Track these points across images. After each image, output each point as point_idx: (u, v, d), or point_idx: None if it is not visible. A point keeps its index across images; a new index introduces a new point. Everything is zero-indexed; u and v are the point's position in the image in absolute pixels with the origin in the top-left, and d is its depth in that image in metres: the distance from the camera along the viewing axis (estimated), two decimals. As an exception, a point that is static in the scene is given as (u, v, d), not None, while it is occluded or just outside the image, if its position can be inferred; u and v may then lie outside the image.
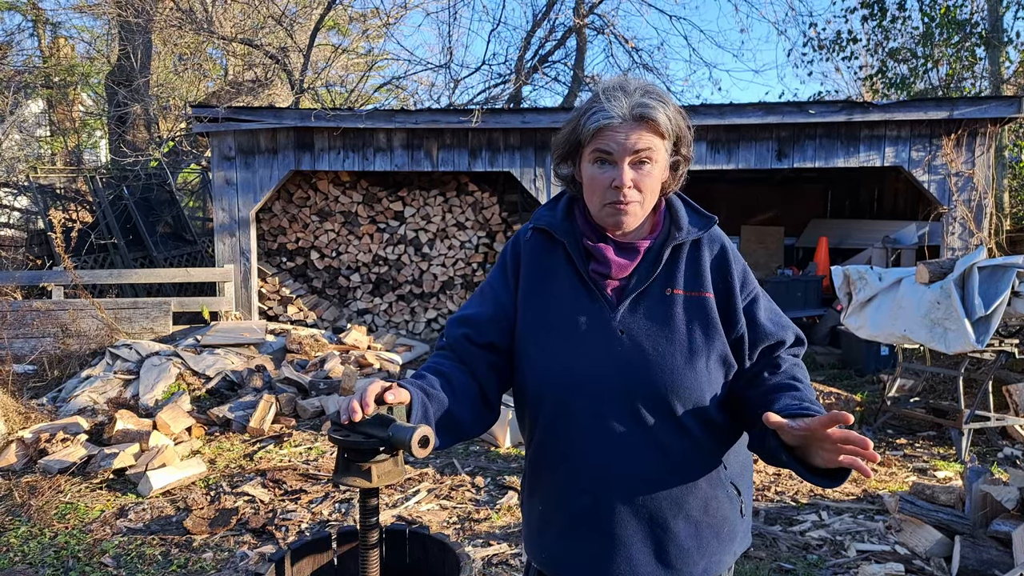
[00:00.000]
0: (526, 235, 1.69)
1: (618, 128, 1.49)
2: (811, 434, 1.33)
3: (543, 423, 1.59)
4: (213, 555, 3.92)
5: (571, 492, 1.56)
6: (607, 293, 1.58)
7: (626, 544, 1.54)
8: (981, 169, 8.16)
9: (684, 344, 1.53)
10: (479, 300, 1.70)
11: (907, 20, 13.33)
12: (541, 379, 1.57)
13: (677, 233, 1.59)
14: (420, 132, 8.70)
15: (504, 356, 1.65)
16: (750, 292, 1.61)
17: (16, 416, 5.70)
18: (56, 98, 16.18)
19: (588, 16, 12.34)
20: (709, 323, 1.55)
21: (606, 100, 1.51)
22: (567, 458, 1.56)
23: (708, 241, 1.62)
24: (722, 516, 1.59)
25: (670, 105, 1.53)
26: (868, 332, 5.77)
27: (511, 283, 1.67)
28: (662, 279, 1.57)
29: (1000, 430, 5.72)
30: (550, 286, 1.61)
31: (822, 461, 1.35)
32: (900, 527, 3.92)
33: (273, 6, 12.67)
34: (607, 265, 1.58)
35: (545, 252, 1.65)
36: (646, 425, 1.51)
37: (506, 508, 4.46)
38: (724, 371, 1.57)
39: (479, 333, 1.63)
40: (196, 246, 11.39)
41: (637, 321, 1.55)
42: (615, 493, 1.53)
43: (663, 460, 1.53)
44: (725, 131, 8.40)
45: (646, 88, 1.54)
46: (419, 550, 1.73)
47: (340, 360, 7.15)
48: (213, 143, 8.84)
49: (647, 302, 1.56)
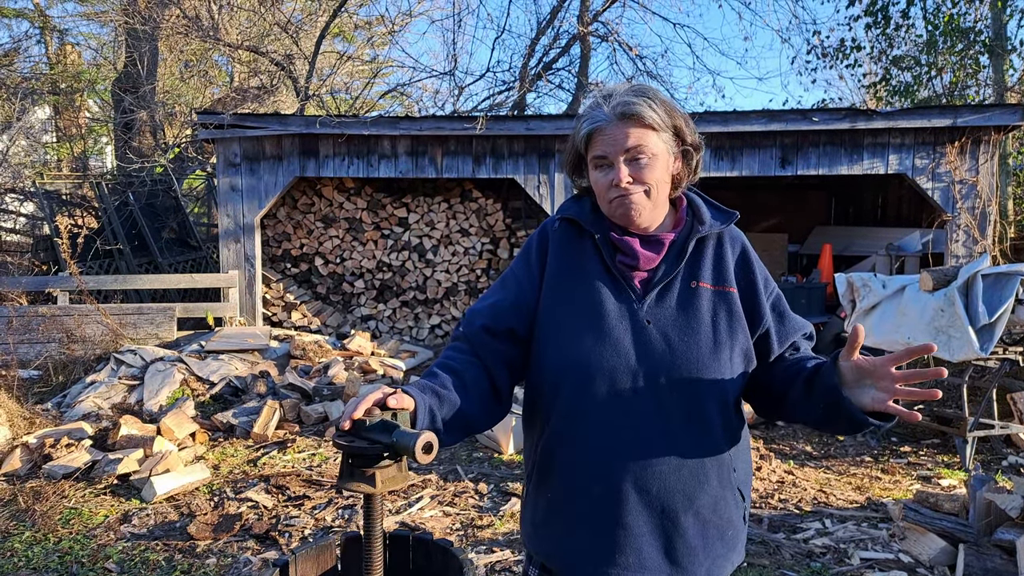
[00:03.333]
0: (554, 225, 1.72)
1: (607, 130, 1.55)
2: (876, 370, 1.39)
3: (560, 409, 1.59)
4: (217, 561, 3.93)
5: (585, 479, 1.57)
6: (634, 284, 1.61)
7: (636, 535, 1.54)
8: (985, 177, 8.16)
9: (709, 336, 1.56)
10: (501, 288, 1.72)
11: (911, 28, 13.35)
12: (563, 365, 1.58)
13: (700, 227, 1.64)
14: (424, 139, 8.72)
15: (521, 345, 1.66)
16: (772, 291, 1.69)
17: (21, 421, 5.71)
18: (63, 104, 16.25)
19: (592, 24, 12.37)
20: (733, 317, 1.60)
21: (592, 109, 1.59)
22: (584, 445, 1.57)
23: (730, 240, 1.68)
24: (728, 518, 1.61)
25: (656, 99, 1.57)
26: (872, 339, 5.76)
27: (535, 271, 1.69)
28: (687, 271, 1.62)
29: (1004, 438, 5.71)
30: (577, 275, 1.64)
31: (870, 401, 1.41)
32: (904, 535, 3.91)
33: (279, 13, 12.74)
34: (634, 257, 1.62)
35: (573, 242, 1.68)
36: (666, 415, 1.54)
37: (509, 515, 4.46)
38: (744, 365, 1.62)
39: (499, 320, 1.65)
40: (201, 252, 11.42)
41: (663, 312, 1.58)
42: (630, 482, 1.54)
43: (680, 451, 1.55)
44: (729, 138, 8.41)
45: (631, 88, 1.59)
46: (422, 556, 1.74)
47: (344, 366, 7.16)
48: (218, 149, 8.88)
49: (673, 294, 1.60)
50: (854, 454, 5.64)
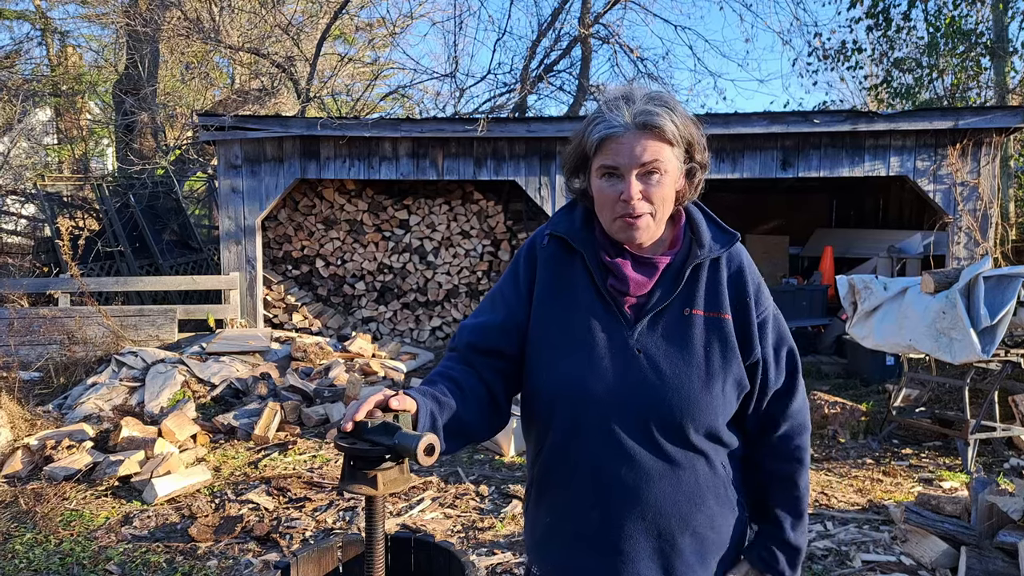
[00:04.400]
0: (543, 241, 1.65)
1: (622, 139, 1.46)
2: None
3: (553, 436, 1.56)
4: (218, 563, 3.92)
5: (580, 507, 1.54)
6: (625, 310, 1.54)
7: (634, 560, 1.52)
8: (986, 179, 8.15)
9: (702, 367, 1.50)
10: (489, 307, 1.67)
11: (912, 30, 13.36)
12: (554, 392, 1.55)
13: (699, 251, 1.55)
14: (425, 141, 8.73)
15: (512, 362, 1.62)
16: (762, 312, 1.58)
17: (22, 423, 5.71)
18: (64, 106, 16.28)
19: (593, 26, 12.37)
20: (727, 346, 1.52)
21: (608, 110, 1.48)
22: (577, 473, 1.54)
23: (727, 259, 1.58)
24: (727, 533, 1.59)
25: (677, 110, 1.49)
26: (873, 342, 5.76)
27: (523, 289, 1.63)
28: (681, 298, 1.54)
29: (1006, 440, 5.70)
30: (567, 296, 1.58)
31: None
32: (906, 537, 3.91)
33: (280, 16, 12.75)
34: (624, 282, 1.54)
35: (563, 260, 1.61)
36: (658, 445, 1.50)
37: (510, 517, 4.45)
38: (738, 393, 1.55)
39: (486, 340, 1.62)
40: (202, 254, 11.43)
41: (655, 341, 1.51)
42: (625, 510, 1.51)
43: (674, 480, 1.51)
44: (730, 140, 8.41)
45: (651, 95, 1.49)
46: (424, 558, 1.74)
47: (345, 368, 7.16)
48: (219, 151, 8.89)
49: (666, 321, 1.52)
50: (855, 456, 5.63)
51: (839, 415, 6.02)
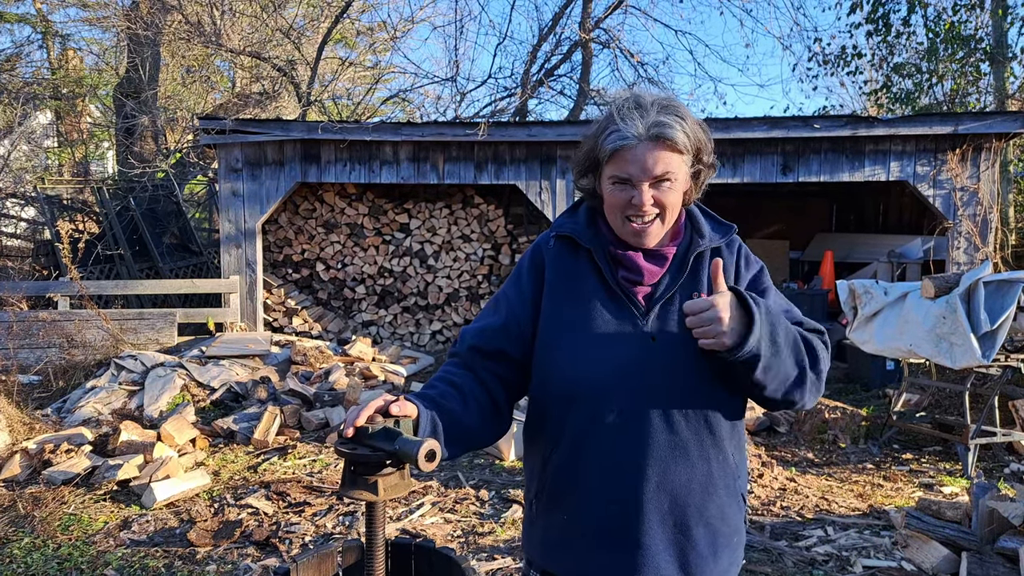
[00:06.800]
0: (548, 243, 1.69)
1: (635, 150, 1.50)
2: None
3: (570, 432, 1.57)
4: (217, 568, 3.91)
5: (600, 502, 1.56)
6: (637, 300, 1.59)
7: (653, 553, 1.54)
8: (986, 184, 8.16)
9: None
10: (492, 311, 1.70)
11: (912, 35, 13.37)
12: (570, 389, 1.56)
13: (700, 241, 1.62)
14: (426, 145, 8.73)
15: (515, 366, 1.64)
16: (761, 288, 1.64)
17: (20, 427, 5.71)
18: (64, 109, 16.28)
19: (594, 30, 12.38)
20: None
21: (621, 120, 1.51)
22: (598, 467, 1.55)
23: (727, 247, 1.66)
24: (734, 525, 1.62)
25: (688, 118, 1.53)
26: (874, 346, 5.76)
27: (528, 292, 1.66)
28: (688, 285, 1.59)
29: (1006, 445, 5.69)
30: (577, 293, 1.61)
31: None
32: (907, 543, 3.90)
33: (281, 19, 12.77)
34: (638, 272, 1.59)
35: (570, 259, 1.65)
36: (678, 431, 1.53)
37: (510, 522, 4.44)
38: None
39: (489, 342, 1.64)
40: (202, 257, 11.43)
41: (668, 327, 1.56)
42: (646, 502, 1.53)
43: (690, 463, 1.54)
44: (730, 145, 8.41)
45: (662, 103, 1.53)
46: (424, 564, 1.73)
47: (345, 372, 7.15)
48: (220, 155, 8.89)
49: (676, 307, 1.57)
50: (856, 461, 5.62)
51: (839, 420, 6.02)
